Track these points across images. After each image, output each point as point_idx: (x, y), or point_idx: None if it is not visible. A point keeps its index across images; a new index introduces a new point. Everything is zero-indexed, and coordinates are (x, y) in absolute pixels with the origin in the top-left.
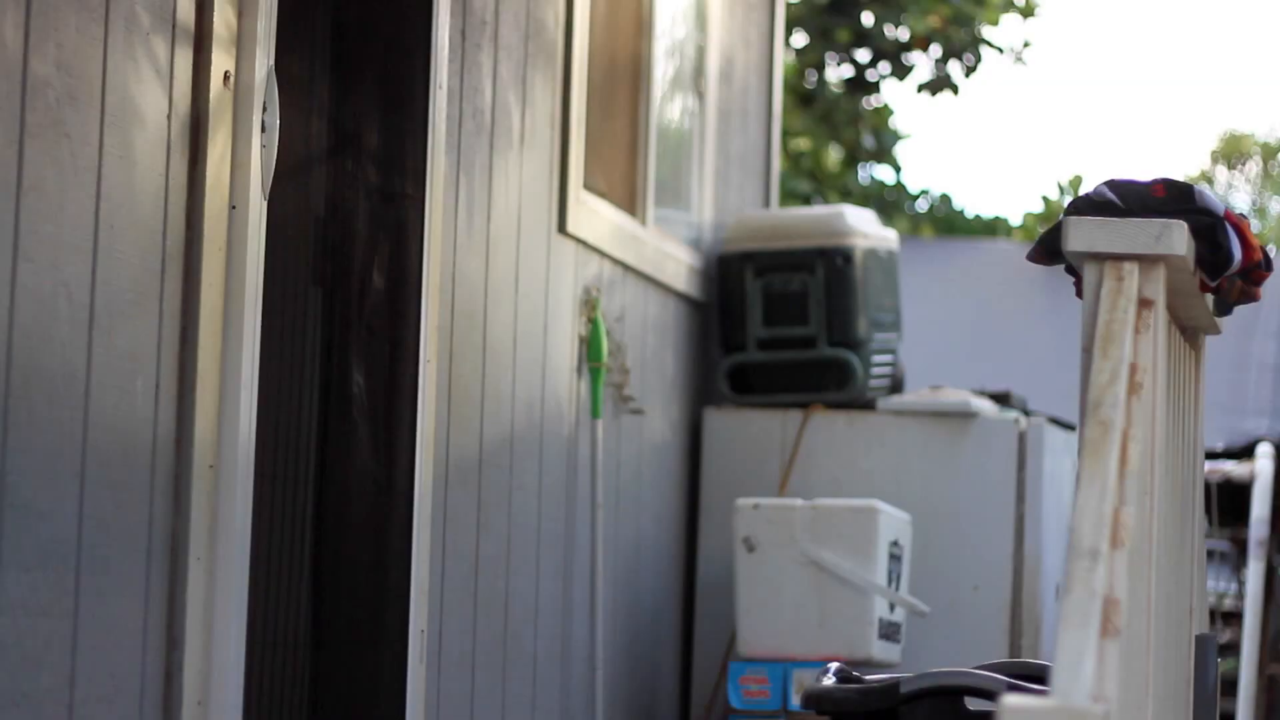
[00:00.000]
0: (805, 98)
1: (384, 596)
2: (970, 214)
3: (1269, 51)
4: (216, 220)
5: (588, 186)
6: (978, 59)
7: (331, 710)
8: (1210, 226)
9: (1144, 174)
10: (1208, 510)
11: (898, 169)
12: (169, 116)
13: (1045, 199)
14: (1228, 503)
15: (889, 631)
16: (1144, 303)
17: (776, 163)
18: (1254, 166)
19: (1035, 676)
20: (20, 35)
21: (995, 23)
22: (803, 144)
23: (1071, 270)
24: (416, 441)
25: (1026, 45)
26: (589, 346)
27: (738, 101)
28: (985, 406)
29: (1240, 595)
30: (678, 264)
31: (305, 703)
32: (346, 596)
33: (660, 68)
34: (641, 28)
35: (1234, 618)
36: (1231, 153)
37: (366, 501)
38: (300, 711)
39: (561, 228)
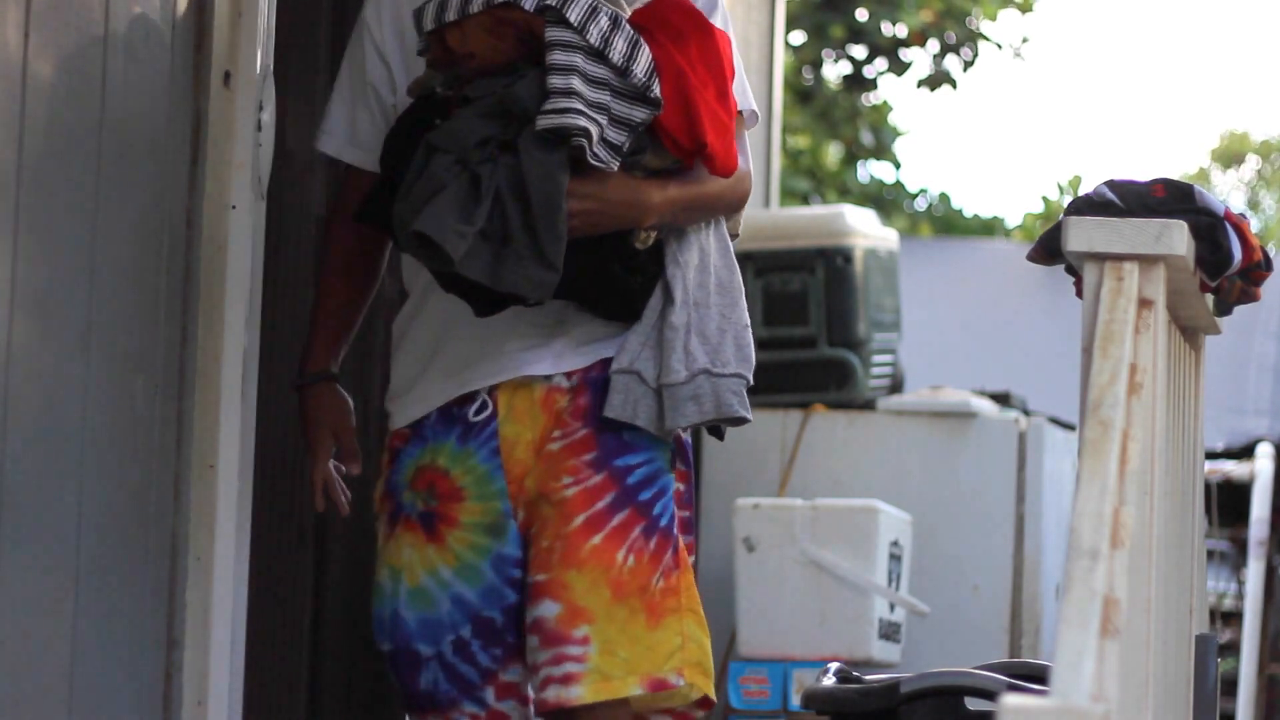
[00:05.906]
0: (803, 95)
1: None
2: (969, 213)
3: (1268, 50)
4: (216, 220)
5: None
6: (975, 54)
7: (331, 710)
8: (1210, 226)
9: (1144, 174)
10: (1208, 510)
11: (897, 165)
12: (169, 116)
13: (1045, 199)
14: (1228, 503)
15: (889, 631)
16: (1144, 303)
17: (777, 163)
18: (1250, 167)
19: (1035, 676)
20: (20, 35)
21: (993, 18)
22: (801, 141)
23: (1071, 270)
24: None
25: (1025, 41)
26: None
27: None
28: (985, 406)
29: (1240, 595)
30: None
31: (305, 703)
32: (347, 596)
33: None
34: None
35: (1234, 618)
36: (1232, 153)
37: (368, 500)
38: (300, 711)
39: None
